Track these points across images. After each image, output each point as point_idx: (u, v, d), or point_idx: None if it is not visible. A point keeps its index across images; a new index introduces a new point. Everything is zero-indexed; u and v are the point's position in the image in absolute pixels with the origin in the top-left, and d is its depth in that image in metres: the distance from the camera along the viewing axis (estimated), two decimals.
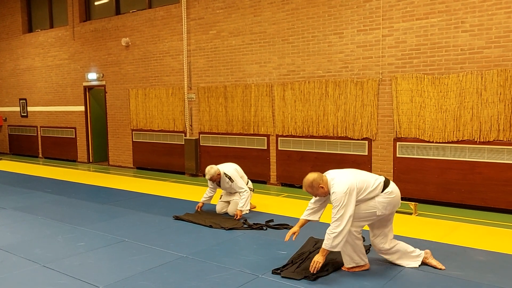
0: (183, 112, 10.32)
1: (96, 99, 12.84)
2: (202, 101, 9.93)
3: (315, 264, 3.98)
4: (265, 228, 5.68)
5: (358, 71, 7.75)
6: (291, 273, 4.12)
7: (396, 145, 7.42)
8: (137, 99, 11.21)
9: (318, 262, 3.98)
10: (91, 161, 12.94)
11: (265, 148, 9.04)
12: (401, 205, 4.29)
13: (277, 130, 8.81)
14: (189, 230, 5.67)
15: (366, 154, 7.76)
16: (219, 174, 6.22)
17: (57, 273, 4.29)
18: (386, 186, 4.10)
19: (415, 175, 7.26)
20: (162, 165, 10.96)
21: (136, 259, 4.62)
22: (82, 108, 12.79)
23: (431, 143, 7.07)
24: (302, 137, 8.50)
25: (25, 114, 14.59)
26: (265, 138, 9.02)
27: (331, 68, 8.04)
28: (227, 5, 9.37)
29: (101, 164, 12.69)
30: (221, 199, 6.55)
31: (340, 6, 7.85)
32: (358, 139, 7.82)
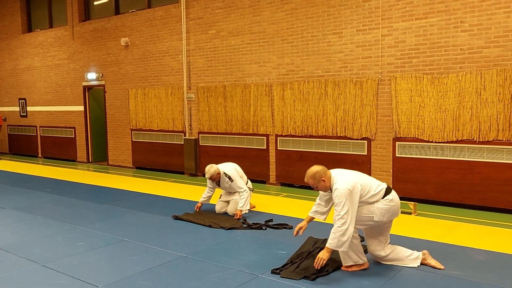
0: (183, 112, 10.32)
1: (95, 99, 12.84)
2: (201, 101, 9.93)
3: (320, 260, 3.98)
4: (264, 227, 5.68)
5: (357, 71, 7.75)
6: (290, 273, 4.12)
7: (395, 145, 7.43)
8: (137, 99, 11.21)
9: (322, 259, 3.98)
10: (90, 161, 12.94)
11: (265, 148, 9.04)
12: (400, 205, 4.30)
13: (277, 130, 8.81)
14: (188, 229, 5.68)
15: (365, 154, 7.77)
16: (218, 173, 6.23)
17: (56, 272, 4.29)
18: (387, 193, 4.15)
19: (414, 175, 7.26)
20: (161, 165, 10.96)
21: (135, 259, 4.62)
22: (81, 108, 12.79)
23: (430, 143, 7.07)
24: (301, 137, 8.50)
25: (25, 114, 14.58)
26: (265, 138, 9.02)
27: (330, 67, 8.04)
28: (226, 5, 9.37)
29: (100, 164, 12.69)
30: (220, 198, 6.56)
31: (339, 6, 7.86)
32: (357, 139, 7.83)
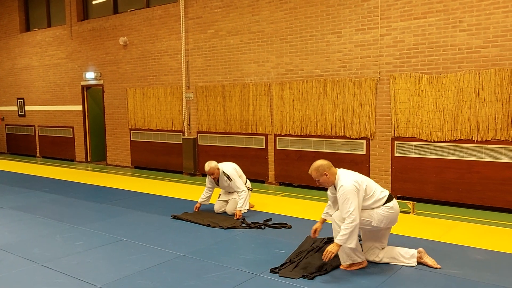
0: (181, 111, 10.31)
1: (94, 98, 12.82)
2: (200, 100, 9.93)
3: (328, 253, 3.97)
4: (263, 227, 5.68)
5: (356, 71, 7.76)
6: (289, 272, 4.13)
7: (394, 144, 7.43)
8: (135, 98, 11.20)
9: (331, 252, 3.97)
10: (89, 160, 12.93)
11: (263, 147, 9.04)
12: (399, 205, 4.32)
13: (275, 129, 8.81)
14: (187, 229, 5.68)
15: (364, 153, 7.77)
16: (218, 169, 6.24)
17: (55, 272, 4.29)
18: (388, 200, 4.21)
19: (413, 174, 7.27)
20: (160, 164, 10.95)
21: (134, 258, 4.62)
22: (80, 107, 12.77)
23: (429, 142, 7.08)
24: (300, 136, 8.50)
25: (23, 113, 14.56)
26: (263, 137, 9.02)
27: (329, 67, 8.05)
28: (225, 4, 9.36)
29: (99, 163, 12.68)
30: (219, 198, 6.56)
31: (338, 5, 7.86)
32: (356, 138, 7.83)
